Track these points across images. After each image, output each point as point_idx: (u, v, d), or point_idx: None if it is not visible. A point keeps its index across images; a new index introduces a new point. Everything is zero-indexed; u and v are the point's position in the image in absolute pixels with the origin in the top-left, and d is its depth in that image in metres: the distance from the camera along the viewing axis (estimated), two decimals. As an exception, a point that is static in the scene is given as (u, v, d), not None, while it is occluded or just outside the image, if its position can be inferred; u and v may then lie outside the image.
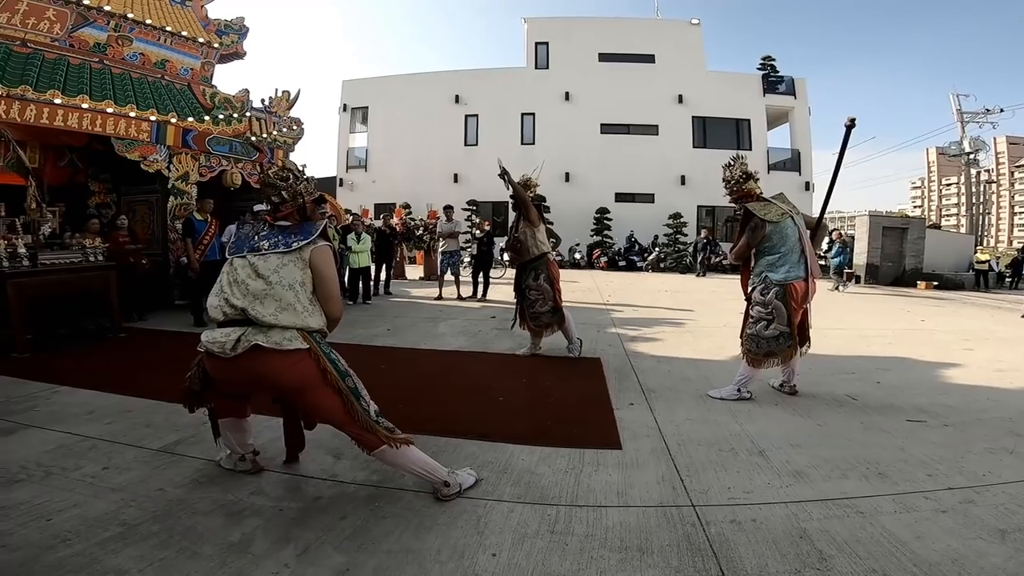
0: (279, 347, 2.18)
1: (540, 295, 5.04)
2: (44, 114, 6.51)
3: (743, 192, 3.97)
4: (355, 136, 24.54)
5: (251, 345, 2.17)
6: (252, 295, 2.23)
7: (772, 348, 3.76)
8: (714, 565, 1.91)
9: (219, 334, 2.24)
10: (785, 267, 3.71)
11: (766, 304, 3.74)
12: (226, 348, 2.18)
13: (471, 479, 2.52)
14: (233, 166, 8.71)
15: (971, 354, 5.45)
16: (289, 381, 2.24)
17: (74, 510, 2.18)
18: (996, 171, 65.49)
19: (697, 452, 2.93)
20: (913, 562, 1.90)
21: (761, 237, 3.79)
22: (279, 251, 2.31)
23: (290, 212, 2.45)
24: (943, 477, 2.60)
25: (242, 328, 2.21)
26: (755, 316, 3.82)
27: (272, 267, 2.28)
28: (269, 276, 2.25)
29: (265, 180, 2.50)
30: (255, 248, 2.35)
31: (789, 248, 3.74)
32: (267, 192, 2.48)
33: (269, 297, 2.22)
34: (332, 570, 1.85)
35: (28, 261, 5.31)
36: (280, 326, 2.21)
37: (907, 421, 3.40)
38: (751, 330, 3.84)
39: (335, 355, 2.36)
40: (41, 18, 7.20)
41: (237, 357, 2.18)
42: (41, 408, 3.48)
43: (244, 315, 2.22)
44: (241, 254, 2.36)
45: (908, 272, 14.98)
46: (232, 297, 2.25)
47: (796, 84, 22.60)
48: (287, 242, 2.34)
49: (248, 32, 9.57)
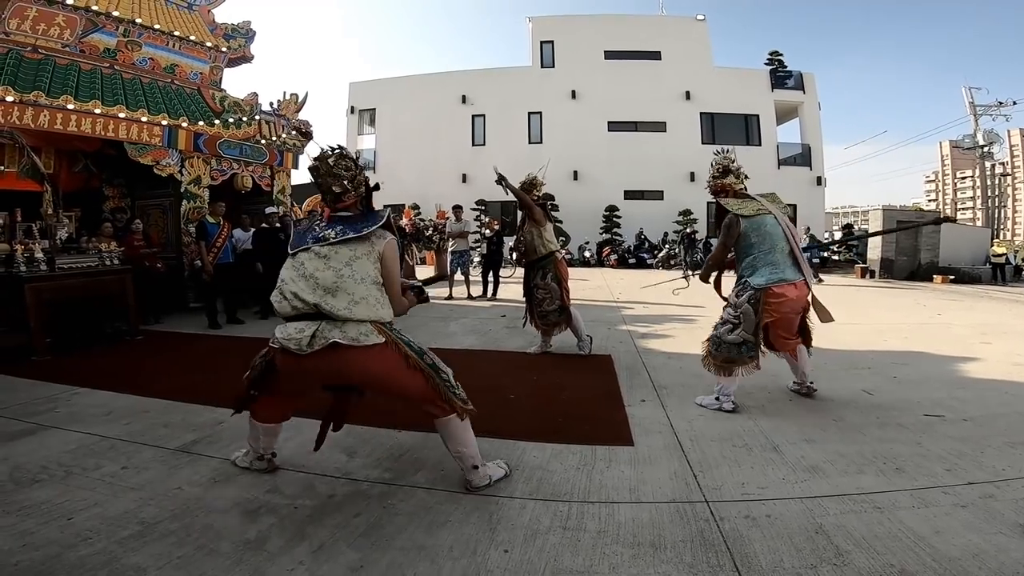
0: (357, 343, 2.15)
1: (548, 294, 5.02)
2: (57, 119, 6.61)
3: (719, 187, 3.70)
4: (363, 138, 24.67)
5: (328, 343, 2.12)
6: (323, 288, 2.17)
7: (731, 355, 3.42)
8: (728, 561, 1.90)
9: (292, 330, 2.18)
10: (766, 269, 3.36)
11: (736, 307, 3.43)
12: (302, 345, 2.13)
13: (501, 472, 2.54)
14: (244, 169, 8.79)
15: (989, 348, 5.37)
16: (375, 374, 2.24)
17: (94, 509, 2.21)
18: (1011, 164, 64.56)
19: (710, 448, 2.91)
20: (932, 557, 1.88)
21: (736, 235, 3.47)
22: (350, 239, 2.25)
23: (353, 203, 2.39)
24: (962, 472, 2.56)
25: (315, 323, 2.16)
26: (723, 317, 3.54)
27: (344, 259, 2.22)
28: (340, 269, 2.20)
29: (326, 170, 2.38)
30: (320, 238, 2.27)
31: (770, 247, 3.38)
32: (328, 182, 2.37)
33: (341, 290, 2.17)
34: (346, 567, 1.86)
35: (46, 266, 5.39)
36: (355, 320, 2.17)
37: (924, 416, 3.36)
38: (715, 331, 3.56)
39: (407, 337, 2.35)
40: (51, 24, 7.31)
41: (313, 354, 2.14)
42: (61, 409, 3.53)
43: (317, 309, 2.16)
44: (305, 246, 2.29)
45: (923, 266, 14.78)
46: (302, 292, 2.18)
47: (805, 79, 22.42)
48: (357, 229, 2.27)
49: (255, 36, 9.66)
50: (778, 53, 23.12)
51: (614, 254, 19.53)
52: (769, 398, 3.77)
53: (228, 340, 6.09)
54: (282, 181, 9.67)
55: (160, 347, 5.70)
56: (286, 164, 9.70)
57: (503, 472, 2.54)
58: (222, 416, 3.36)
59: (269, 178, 9.37)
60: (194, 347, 5.72)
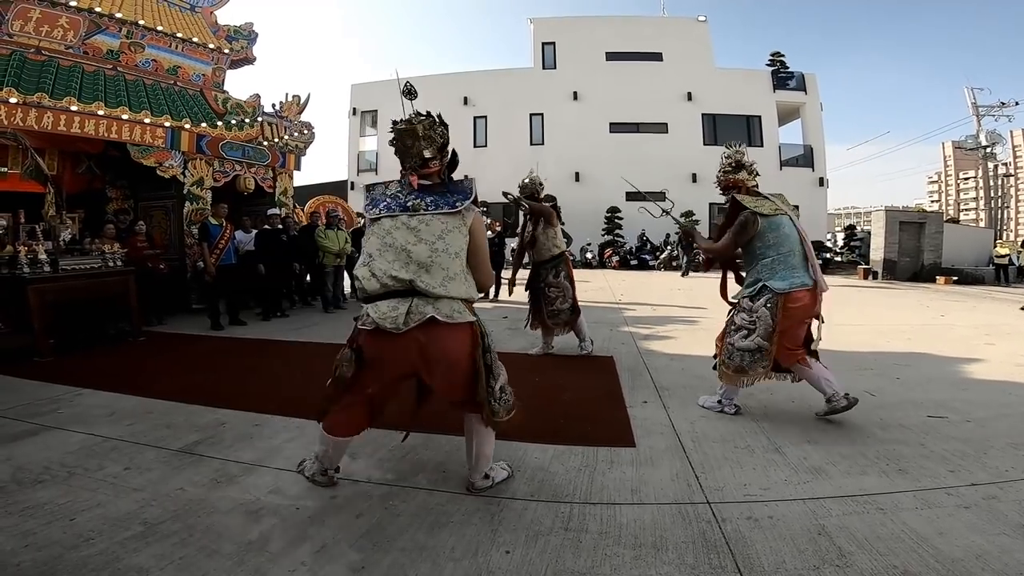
0: (451, 320, 2.10)
1: (560, 292, 5.05)
2: (61, 121, 6.64)
3: (731, 182, 3.50)
4: (365, 140, 24.68)
5: (426, 318, 2.05)
6: (417, 264, 2.09)
7: (743, 363, 3.26)
8: (730, 562, 1.89)
9: (386, 307, 2.07)
10: (786, 272, 3.19)
11: (752, 311, 3.25)
12: (399, 323, 2.04)
13: (504, 473, 2.53)
14: (246, 170, 8.81)
15: (992, 349, 5.36)
16: (456, 355, 2.16)
17: (97, 510, 2.22)
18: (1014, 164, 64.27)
19: (712, 449, 2.91)
20: (935, 558, 1.87)
21: (752, 235, 3.28)
22: (442, 212, 2.17)
23: (437, 171, 2.31)
24: (965, 473, 2.56)
25: (407, 299, 2.08)
26: (737, 323, 3.34)
27: (436, 232, 2.14)
28: (434, 243, 2.12)
29: (414, 131, 2.27)
30: (408, 207, 2.18)
31: (789, 249, 3.23)
32: (419, 146, 2.27)
33: (435, 266, 2.10)
34: (348, 567, 1.86)
35: (49, 267, 5.41)
36: (448, 297, 2.11)
37: (927, 417, 3.35)
38: (729, 338, 3.37)
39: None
40: (54, 26, 7.33)
41: (407, 332, 2.05)
42: (64, 410, 3.54)
43: (411, 286, 2.08)
44: (393, 213, 2.18)
45: (926, 267, 14.76)
46: (395, 267, 2.09)
47: (807, 79, 22.37)
48: (449, 202, 2.20)
49: (257, 37, 9.68)
50: (780, 54, 23.08)
51: (616, 255, 19.51)
52: (771, 399, 3.76)
53: (230, 341, 6.10)
54: (284, 183, 9.69)
55: (163, 348, 5.71)
56: (288, 166, 9.72)
57: (506, 473, 2.54)
58: (224, 417, 3.37)
59: (271, 179, 9.39)
60: (196, 348, 5.73)
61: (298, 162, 9.98)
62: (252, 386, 4.20)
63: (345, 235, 8.66)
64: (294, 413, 3.40)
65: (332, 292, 8.43)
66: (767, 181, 13.74)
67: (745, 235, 3.30)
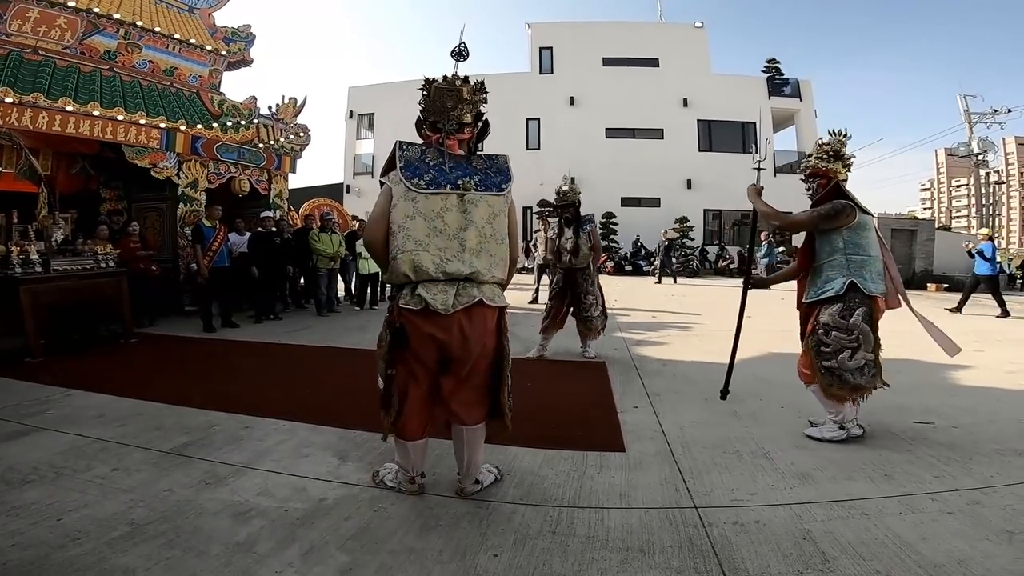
0: (493, 303, 2.12)
1: (595, 299, 5.19)
2: (56, 121, 6.62)
3: (821, 171, 3.20)
4: (362, 143, 24.69)
5: (476, 300, 2.07)
6: (471, 251, 2.08)
7: (859, 381, 2.94)
8: (715, 566, 1.91)
9: (437, 289, 2.05)
10: (877, 276, 2.98)
11: (850, 329, 2.93)
12: (448, 304, 2.03)
13: (492, 476, 2.54)
14: (241, 173, 8.81)
15: (981, 355, 5.41)
16: (492, 339, 2.20)
17: (84, 510, 2.22)
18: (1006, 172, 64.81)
19: (701, 455, 2.92)
20: (918, 563, 1.89)
21: (843, 224, 2.98)
22: (491, 194, 2.14)
23: (468, 138, 2.25)
24: (950, 479, 2.58)
25: (454, 282, 2.07)
26: (833, 345, 2.96)
27: (484, 216, 2.11)
28: (483, 227, 2.10)
29: (458, 92, 2.19)
30: (457, 185, 2.11)
31: (877, 255, 3.02)
32: (459, 110, 2.20)
33: (484, 252, 2.09)
34: (336, 569, 1.87)
35: (41, 267, 5.39)
36: (491, 282, 2.13)
37: (915, 423, 3.38)
38: (829, 362, 2.96)
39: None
40: (52, 26, 7.33)
41: (453, 315, 2.04)
42: (53, 411, 3.53)
43: (464, 277, 2.08)
44: (442, 191, 2.10)
45: (918, 274, 14.87)
46: (448, 264, 2.05)
47: (801, 86, 22.54)
48: (496, 183, 2.16)
49: (255, 40, 9.69)
50: (775, 60, 23.25)
51: (611, 261, 19.55)
52: (761, 405, 3.78)
53: (222, 344, 6.09)
54: (279, 185, 9.69)
55: (154, 350, 5.69)
56: (284, 168, 9.72)
57: (493, 477, 2.55)
58: (215, 419, 3.37)
59: (266, 182, 9.38)
60: (188, 350, 5.72)
61: (293, 164, 9.98)
62: (243, 389, 4.20)
63: (339, 238, 8.66)
64: (285, 416, 3.42)
65: (326, 295, 8.42)
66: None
67: (835, 221, 2.99)
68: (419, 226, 2.07)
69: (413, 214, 2.08)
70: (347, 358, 5.44)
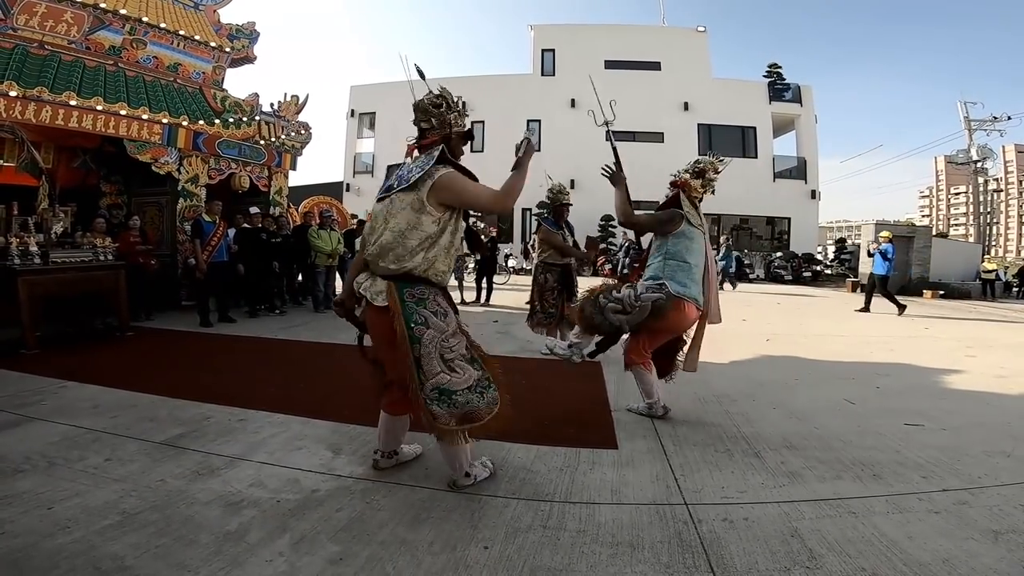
0: (376, 302, 2.31)
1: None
2: (59, 115, 6.65)
3: (682, 183, 3.56)
4: (362, 141, 24.73)
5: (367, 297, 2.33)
6: (377, 245, 2.32)
7: (600, 325, 3.42)
8: (704, 562, 1.92)
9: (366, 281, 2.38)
10: (691, 280, 3.29)
11: (638, 298, 3.26)
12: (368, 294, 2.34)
13: (487, 472, 2.55)
14: (241, 169, 8.82)
15: (973, 360, 5.43)
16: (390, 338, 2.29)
17: (75, 499, 2.23)
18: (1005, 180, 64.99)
19: (692, 453, 2.94)
20: (904, 562, 1.91)
21: (669, 230, 3.37)
22: (401, 190, 2.31)
23: (434, 140, 2.38)
24: (937, 479, 2.60)
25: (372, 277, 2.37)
26: (615, 294, 3.38)
27: (393, 212, 2.29)
28: (390, 221, 2.29)
29: (418, 104, 2.44)
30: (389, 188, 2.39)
31: (697, 264, 3.34)
32: (416, 117, 2.44)
33: (385, 245, 2.30)
34: (326, 559, 1.88)
35: (39, 259, 5.39)
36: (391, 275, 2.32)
37: (904, 424, 3.40)
38: (604, 296, 3.41)
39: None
40: (59, 20, 7.36)
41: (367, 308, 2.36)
42: (48, 402, 3.54)
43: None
44: (383, 195, 2.40)
45: (914, 281, 14.90)
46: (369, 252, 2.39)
47: (802, 92, 22.60)
48: (408, 179, 2.30)
49: (259, 37, 9.71)
50: (777, 65, 23.30)
51: (609, 263, 19.57)
52: (753, 406, 3.80)
53: (218, 338, 6.10)
54: (279, 182, 9.71)
55: (150, 344, 5.70)
56: (284, 165, 9.75)
57: (488, 472, 2.56)
58: (209, 412, 3.39)
59: (267, 179, 9.40)
60: (184, 344, 5.73)
61: (294, 162, 10.00)
62: (238, 382, 4.21)
63: (338, 235, 8.67)
64: (279, 409, 3.43)
65: (323, 292, 8.43)
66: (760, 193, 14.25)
67: (666, 227, 3.41)
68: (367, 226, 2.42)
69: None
70: (342, 354, 5.44)
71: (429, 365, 2.21)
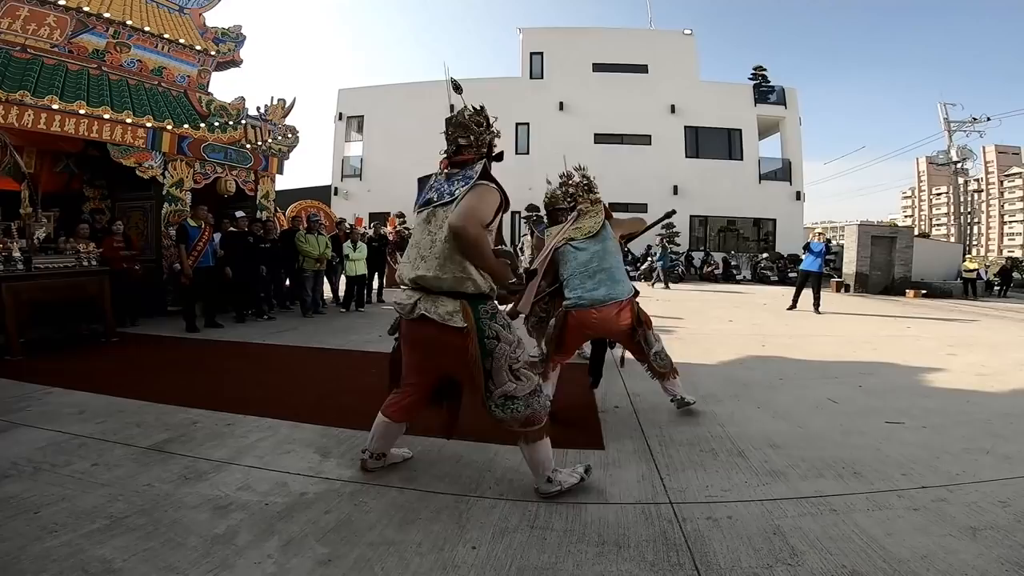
0: (440, 319, 2.27)
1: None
2: (41, 119, 6.58)
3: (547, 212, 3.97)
4: (350, 145, 24.61)
5: (418, 314, 2.29)
6: (422, 257, 2.33)
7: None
8: (688, 560, 1.95)
9: (403, 296, 2.39)
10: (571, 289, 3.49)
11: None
12: (404, 310, 2.35)
13: (574, 479, 2.48)
14: (227, 173, 8.76)
15: (954, 359, 5.54)
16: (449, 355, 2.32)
17: (62, 504, 2.22)
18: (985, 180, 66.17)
19: (678, 453, 2.98)
20: (883, 558, 1.94)
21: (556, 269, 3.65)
22: (443, 203, 2.31)
23: (469, 158, 2.41)
24: (917, 476, 2.65)
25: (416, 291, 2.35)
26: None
27: (438, 225, 2.29)
28: (435, 233, 2.29)
29: (457, 120, 2.44)
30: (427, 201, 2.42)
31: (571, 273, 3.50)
32: (453, 132, 2.44)
33: (431, 256, 2.31)
34: (314, 560, 1.89)
35: (23, 265, 5.33)
36: (442, 291, 2.31)
37: (886, 423, 3.46)
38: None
39: None
40: (42, 24, 7.28)
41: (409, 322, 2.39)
42: (33, 408, 3.51)
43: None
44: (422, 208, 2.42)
45: (897, 281, 15.11)
46: (412, 266, 2.37)
47: (787, 94, 22.81)
48: (451, 192, 2.32)
49: (245, 40, 9.67)
50: (762, 68, 23.50)
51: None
52: (738, 405, 3.86)
53: (205, 344, 6.06)
54: (266, 186, 9.65)
55: (136, 349, 5.66)
56: (271, 169, 9.68)
57: (576, 479, 2.48)
58: (197, 416, 3.37)
59: (253, 183, 9.34)
60: (171, 350, 5.69)
61: (281, 166, 9.94)
62: (226, 387, 4.20)
63: (325, 240, 8.64)
64: (267, 413, 3.43)
65: (311, 296, 8.40)
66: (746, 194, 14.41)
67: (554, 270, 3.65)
68: (410, 242, 2.38)
69: (411, 233, 2.39)
70: (331, 358, 5.45)
71: (499, 376, 2.29)
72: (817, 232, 10.93)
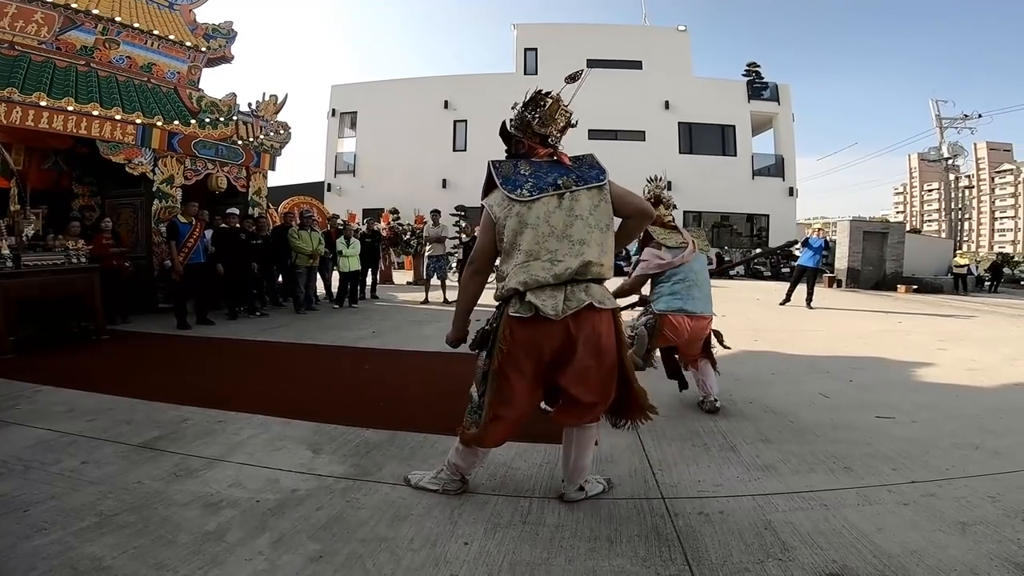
0: (603, 306, 2.10)
1: None
2: (29, 116, 6.51)
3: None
4: (344, 141, 24.55)
5: (584, 304, 2.04)
6: (579, 242, 2.08)
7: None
8: (680, 555, 1.95)
9: (547, 295, 2.03)
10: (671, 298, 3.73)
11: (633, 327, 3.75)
12: (558, 309, 2.01)
13: (600, 487, 2.44)
14: (219, 169, 8.71)
15: (945, 354, 5.57)
16: (607, 341, 2.12)
17: (52, 502, 2.20)
18: (977, 176, 66.67)
19: (670, 448, 2.98)
20: (873, 553, 1.94)
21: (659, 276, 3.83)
22: (590, 187, 2.16)
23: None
24: (907, 471, 2.66)
25: (562, 286, 2.06)
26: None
27: (587, 208, 2.12)
28: (588, 218, 2.10)
29: (565, 112, 2.37)
30: (557, 184, 2.13)
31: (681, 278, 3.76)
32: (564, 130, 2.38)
33: (592, 241, 2.10)
34: (306, 557, 1.88)
35: (12, 262, 5.28)
36: (601, 277, 2.13)
37: (876, 417, 3.48)
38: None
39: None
40: (29, 21, 7.19)
41: (563, 320, 2.03)
42: (23, 406, 3.48)
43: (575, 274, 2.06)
44: (544, 194, 2.11)
45: (888, 276, 15.22)
46: (561, 255, 2.06)
47: (780, 90, 22.93)
48: (594, 176, 2.19)
49: (236, 36, 9.58)
50: (755, 64, 23.61)
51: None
52: (730, 401, 3.86)
53: (196, 341, 6.03)
54: (258, 182, 9.60)
55: (127, 347, 5.62)
56: (263, 165, 9.63)
57: (601, 487, 2.45)
58: (187, 414, 3.35)
59: (244, 179, 9.29)
60: (161, 347, 5.66)
61: (273, 162, 9.89)
62: (217, 384, 4.18)
63: (319, 236, 8.61)
64: (259, 410, 3.41)
65: (304, 293, 8.37)
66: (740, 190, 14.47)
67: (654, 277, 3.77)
68: (528, 237, 2.07)
69: (520, 227, 2.09)
70: (324, 355, 5.43)
71: (629, 364, 2.27)
72: (816, 228, 10.94)
